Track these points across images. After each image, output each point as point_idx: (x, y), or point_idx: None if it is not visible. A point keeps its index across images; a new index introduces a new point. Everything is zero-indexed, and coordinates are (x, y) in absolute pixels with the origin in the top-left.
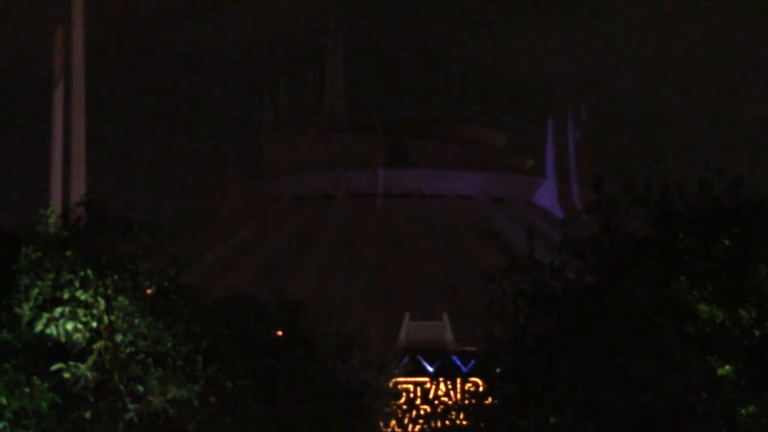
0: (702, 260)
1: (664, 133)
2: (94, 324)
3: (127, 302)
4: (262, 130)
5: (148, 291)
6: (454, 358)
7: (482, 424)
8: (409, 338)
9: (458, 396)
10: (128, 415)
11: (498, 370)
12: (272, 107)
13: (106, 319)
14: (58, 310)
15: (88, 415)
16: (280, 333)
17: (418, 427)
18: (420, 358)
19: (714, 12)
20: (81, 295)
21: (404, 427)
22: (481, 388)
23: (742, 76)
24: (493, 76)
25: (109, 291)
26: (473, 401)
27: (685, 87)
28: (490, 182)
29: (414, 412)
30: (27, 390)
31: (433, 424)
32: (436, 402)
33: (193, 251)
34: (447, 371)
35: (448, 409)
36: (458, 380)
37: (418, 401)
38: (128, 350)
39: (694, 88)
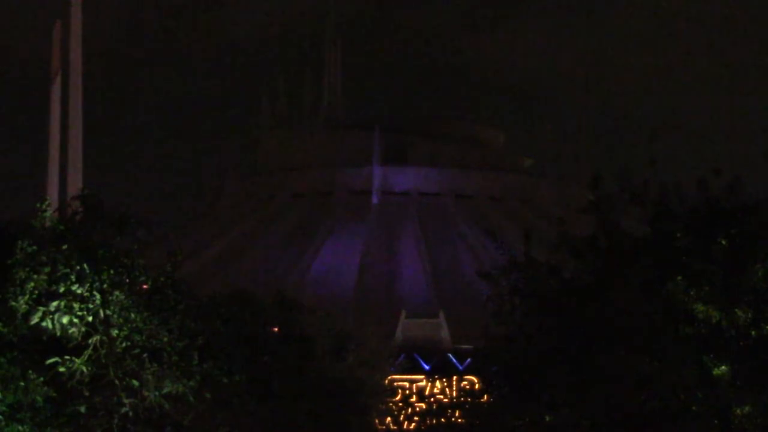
0: (699, 260)
1: (664, 134)
2: (90, 318)
3: (122, 297)
4: (260, 126)
5: (144, 286)
6: (450, 356)
7: (477, 423)
8: (405, 336)
9: (454, 394)
10: (123, 410)
11: (494, 369)
12: (270, 104)
13: (101, 313)
14: (54, 304)
15: (83, 409)
16: (276, 330)
17: (413, 424)
18: (416, 355)
19: (715, 12)
20: (77, 289)
21: (399, 425)
22: (476, 387)
23: (742, 77)
24: (492, 75)
25: (105, 285)
26: (469, 399)
27: (686, 87)
28: (489, 181)
29: (409, 410)
30: (22, 384)
31: (428, 422)
32: (432, 400)
33: (191, 247)
34: (443, 369)
35: (443, 407)
36: (454, 378)
37: (414, 399)
38: (124, 345)
39: (694, 88)
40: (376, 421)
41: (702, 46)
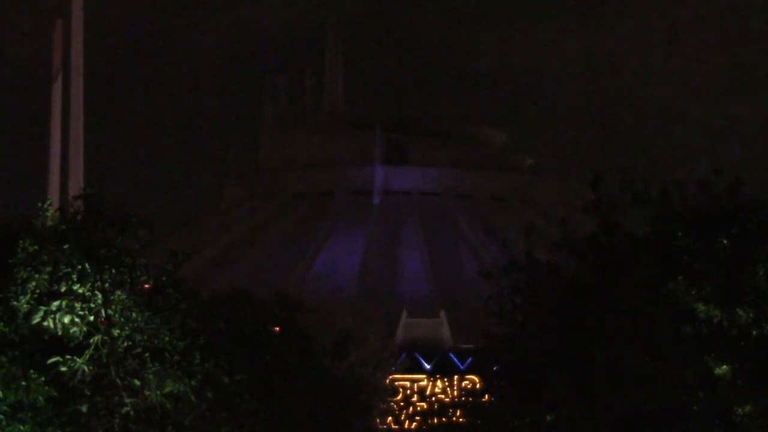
0: (700, 260)
1: (664, 133)
2: (91, 318)
3: (124, 296)
4: (261, 126)
5: (146, 285)
6: (451, 355)
7: (478, 422)
8: (406, 335)
9: (455, 393)
10: (124, 410)
11: (495, 368)
12: (272, 103)
13: (103, 312)
14: (55, 304)
15: (84, 408)
16: (277, 329)
17: (414, 424)
18: (417, 355)
19: (714, 12)
20: (78, 288)
21: (401, 424)
22: (477, 386)
23: (742, 77)
24: (493, 74)
25: (107, 285)
26: (470, 399)
27: (686, 87)
28: (489, 181)
29: (411, 409)
30: (23, 383)
31: (429, 422)
32: (433, 399)
33: (192, 246)
34: (444, 369)
35: (444, 406)
36: (455, 378)
37: (415, 398)
38: (125, 344)
39: (695, 88)
40: (377, 420)
41: (703, 46)
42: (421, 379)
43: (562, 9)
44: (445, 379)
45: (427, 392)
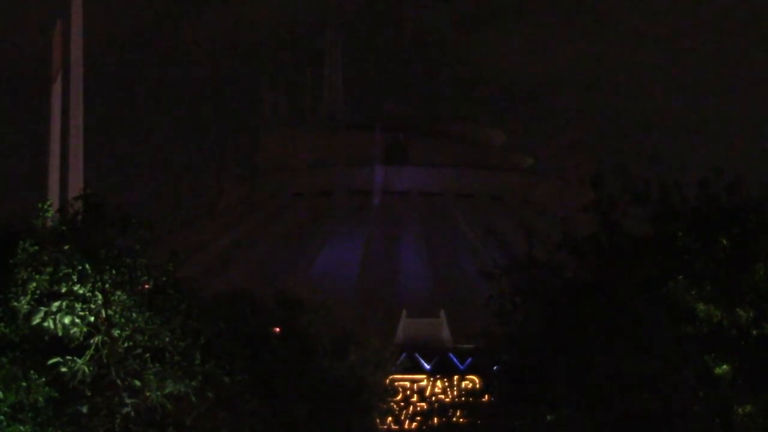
0: (700, 260)
1: (664, 133)
2: (92, 318)
3: (124, 297)
4: (260, 126)
5: (146, 286)
6: (451, 355)
7: (479, 422)
8: (406, 335)
9: (455, 393)
10: (125, 410)
11: (495, 368)
12: (271, 104)
13: (103, 313)
14: (56, 304)
15: (84, 409)
16: (277, 329)
17: (414, 424)
18: (417, 355)
19: (713, 11)
20: (78, 289)
21: (401, 424)
22: (477, 386)
23: (742, 76)
24: (493, 74)
25: (107, 285)
26: (470, 399)
27: (686, 86)
28: (489, 180)
29: (410, 409)
30: (24, 384)
31: (429, 422)
32: (433, 399)
33: (192, 247)
34: (444, 369)
35: (444, 406)
36: (455, 378)
37: (415, 398)
38: (126, 345)
39: (695, 87)
40: (377, 420)
41: (702, 46)
42: (421, 380)
43: (562, 9)
44: (445, 380)
45: (427, 392)
